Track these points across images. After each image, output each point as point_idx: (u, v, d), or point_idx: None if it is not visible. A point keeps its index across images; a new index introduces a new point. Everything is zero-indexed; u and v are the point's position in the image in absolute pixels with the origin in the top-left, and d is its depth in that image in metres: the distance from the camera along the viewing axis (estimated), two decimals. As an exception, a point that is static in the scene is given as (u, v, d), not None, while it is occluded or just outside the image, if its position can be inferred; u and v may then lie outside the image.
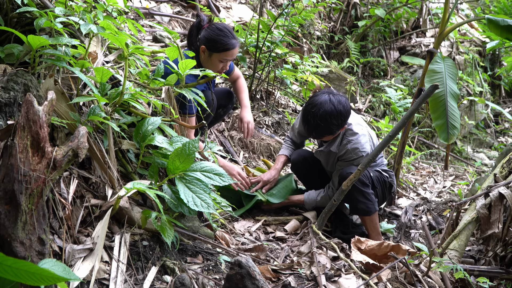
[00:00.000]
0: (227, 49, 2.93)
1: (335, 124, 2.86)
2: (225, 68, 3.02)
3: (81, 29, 2.01)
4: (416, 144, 6.54)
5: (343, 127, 2.96)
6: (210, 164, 2.14)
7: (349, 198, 2.99)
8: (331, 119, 2.84)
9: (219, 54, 2.93)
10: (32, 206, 1.48)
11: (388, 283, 2.20)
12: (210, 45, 2.92)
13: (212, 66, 2.97)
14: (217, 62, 2.95)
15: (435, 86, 2.67)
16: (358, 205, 2.99)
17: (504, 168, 3.04)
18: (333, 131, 2.92)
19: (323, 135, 2.95)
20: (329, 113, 2.83)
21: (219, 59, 2.94)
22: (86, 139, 1.69)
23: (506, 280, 2.60)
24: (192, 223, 2.37)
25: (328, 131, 2.90)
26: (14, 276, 1.03)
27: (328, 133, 2.92)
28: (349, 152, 2.99)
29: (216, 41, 2.91)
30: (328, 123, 2.85)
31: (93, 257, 1.79)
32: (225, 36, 2.92)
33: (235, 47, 2.95)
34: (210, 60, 2.96)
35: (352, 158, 3.00)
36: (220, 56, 2.94)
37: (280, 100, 5.10)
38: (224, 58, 2.94)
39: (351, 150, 2.98)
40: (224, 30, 2.95)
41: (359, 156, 2.98)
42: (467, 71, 7.46)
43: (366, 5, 7.44)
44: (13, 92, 1.83)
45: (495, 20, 3.33)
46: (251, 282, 1.77)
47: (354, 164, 2.99)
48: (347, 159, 3.02)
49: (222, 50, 2.92)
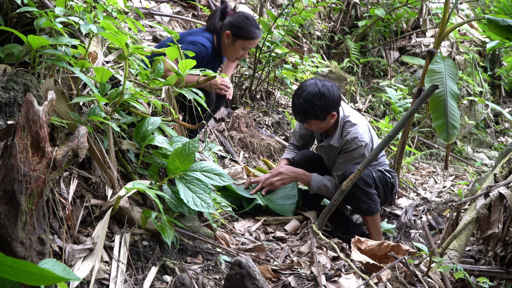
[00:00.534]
0: (252, 38, 3.06)
1: (318, 105, 2.90)
2: (244, 55, 3.15)
3: (81, 29, 2.01)
4: (416, 144, 6.54)
5: (331, 112, 2.96)
6: (210, 164, 2.14)
7: (352, 197, 2.99)
8: (314, 100, 2.89)
9: (243, 41, 3.05)
10: (32, 206, 1.48)
11: (388, 283, 2.20)
12: (236, 31, 3.04)
13: (233, 51, 3.10)
14: (239, 48, 3.07)
15: (435, 86, 2.67)
16: (361, 205, 2.99)
17: (504, 168, 3.03)
18: (317, 114, 2.93)
19: (307, 117, 2.96)
20: (312, 94, 2.90)
21: (242, 46, 3.07)
22: (86, 139, 1.69)
23: (506, 280, 2.60)
24: (192, 223, 2.37)
25: (312, 113, 2.92)
26: (14, 276, 1.03)
27: (312, 115, 2.93)
28: (349, 143, 3.01)
29: (242, 29, 3.04)
30: (311, 104, 2.89)
31: (93, 257, 1.79)
32: (252, 25, 3.06)
33: (259, 37, 3.10)
34: (233, 46, 3.07)
35: (351, 148, 3.01)
36: (243, 43, 3.06)
37: (280, 100, 5.10)
38: (246, 46, 3.08)
39: (350, 140, 3.01)
40: (251, 19, 3.09)
41: (359, 146, 2.98)
42: (467, 71, 7.46)
43: (366, 5, 7.44)
44: (13, 92, 1.83)
45: (495, 20, 3.33)
46: (251, 282, 1.77)
47: (353, 155, 3.00)
48: (346, 149, 3.03)
49: (247, 38, 3.05)
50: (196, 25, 5.21)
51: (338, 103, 3.01)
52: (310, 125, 3.07)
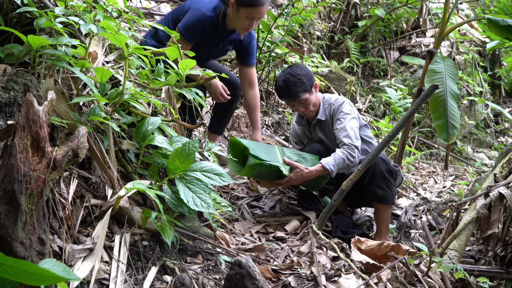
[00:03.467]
0: (254, 5, 2.89)
1: (301, 75, 3.10)
2: (251, 26, 3.00)
3: (81, 29, 2.01)
4: (416, 144, 6.54)
5: (313, 81, 3.14)
6: (210, 164, 2.14)
7: (370, 181, 2.96)
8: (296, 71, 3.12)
9: (246, 9, 2.90)
10: (32, 206, 1.48)
11: (388, 283, 2.20)
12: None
13: (238, 21, 2.97)
14: (243, 17, 2.93)
15: (435, 86, 2.67)
16: (378, 190, 2.96)
17: (504, 168, 3.03)
18: (304, 83, 3.09)
19: (297, 91, 3.08)
20: (291, 70, 3.15)
21: (246, 14, 2.91)
22: (86, 139, 1.69)
23: (506, 280, 2.60)
24: (192, 223, 2.37)
25: (300, 84, 3.07)
26: (14, 276, 1.03)
27: (300, 86, 3.07)
28: (332, 106, 3.15)
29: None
30: (295, 76, 3.09)
31: (93, 257, 1.79)
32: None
33: (263, 4, 2.91)
34: (237, 15, 2.94)
35: (336, 110, 3.13)
36: (247, 12, 2.90)
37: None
38: (251, 15, 2.91)
39: (332, 103, 3.16)
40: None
41: (340, 103, 3.12)
42: (467, 71, 7.46)
43: (366, 5, 7.44)
44: (13, 92, 1.83)
45: (495, 20, 3.33)
46: (251, 282, 1.77)
47: (344, 111, 3.09)
48: (333, 112, 3.14)
49: (250, 4, 2.89)
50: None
51: (313, 75, 3.19)
52: (301, 105, 3.12)
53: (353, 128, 3.06)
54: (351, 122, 3.07)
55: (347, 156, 2.99)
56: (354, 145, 2.99)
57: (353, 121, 3.08)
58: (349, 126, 3.04)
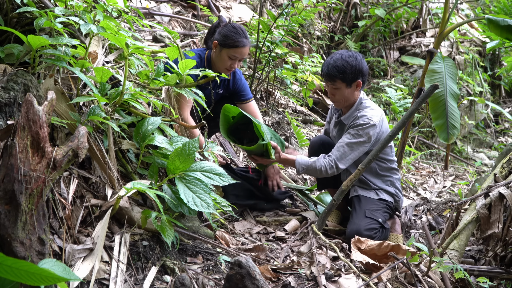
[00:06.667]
0: (236, 46, 3.00)
1: (350, 64, 2.96)
2: (233, 67, 3.08)
3: (81, 29, 2.01)
4: (416, 144, 6.55)
5: (358, 78, 3.00)
6: (210, 164, 2.14)
7: None
8: (348, 59, 2.98)
9: (228, 50, 3.01)
10: (32, 206, 1.48)
11: (388, 283, 2.20)
12: (222, 40, 3.02)
13: (220, 61, 3.05)
14: (225, 57, 3.03)
15: (435, 86, 2.68)
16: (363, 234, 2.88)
17: (504, 168, 3.03)
18: (347, 73, 2.95)
19: (336, 75, 2.97)
20: (348, 55, 3.00)
21: (228, 54, 3.01)
22: (86, 139, 1.69)
23: (506, 280, 2.60)
24: (192, 223, 2.37)
25: (342, 70, 2.95)
26: (14, 276, 1.03)
27: (342, 72, 2.95)
28: (357, 118, 3.01)
29: (227, 37, 3.01)
30: (344, 61, 2.97)
31: (93, 257, 1.79)
32: (237, 33, 3.02)
33: (245, 45, 3.03)
34: (220, 55, 3.04)
35: (357, 124, 2.97)
36: (229, 52, 3.01)
37: (280, 100, 5.11)
38: (232, 55, 3.01)
39: (359, 116, 3.01)
40: (238, 28, 3.05)
41: (366, 123, 2.95)
42: (467, 71, 7.46)
43: (366, 5, 7.44)
44: (13, 92, 1.83)
45: (495, 20, 3.34)
46: (251, 282, 1.77)
47: (359, 132, 2.95)
48: (353, 125, 3.01)
49: (232, 46, 3.00)
50: (196, 25, 5.22)
51: (366, 74, 3.06)
52: (331, 90, 3.04)
53: (353, 151, 2.97)
54: (356, 144, 2.97)
55: (325, 167, 2.98)
56: (338, 164, 2.96)
57: (358, 145, 2.97)
58: (350, 147, 2.96)
